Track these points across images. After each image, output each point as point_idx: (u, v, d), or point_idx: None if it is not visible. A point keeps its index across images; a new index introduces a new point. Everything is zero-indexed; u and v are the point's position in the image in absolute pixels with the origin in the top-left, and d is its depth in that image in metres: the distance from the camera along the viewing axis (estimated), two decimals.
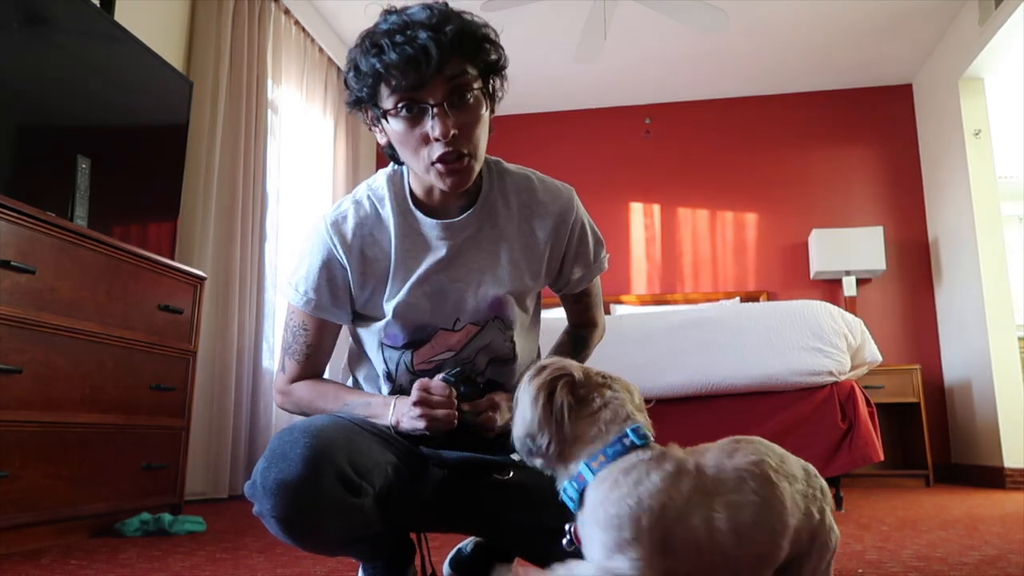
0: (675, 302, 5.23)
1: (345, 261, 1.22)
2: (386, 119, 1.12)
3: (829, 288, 5.15)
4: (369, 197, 1.25)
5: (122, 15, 3.03)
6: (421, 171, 1.15)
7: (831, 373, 2.85)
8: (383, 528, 1.13)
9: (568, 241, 1.30)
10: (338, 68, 4.81)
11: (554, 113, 5.68)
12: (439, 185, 1.15)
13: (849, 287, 4.96)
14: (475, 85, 1.11)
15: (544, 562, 1.17)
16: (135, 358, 2.45)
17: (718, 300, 5.06)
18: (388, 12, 1.11)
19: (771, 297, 5.22)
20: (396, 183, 1.25)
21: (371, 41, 1.09)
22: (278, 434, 1.05)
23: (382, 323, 1.23)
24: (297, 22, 4.31)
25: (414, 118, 1.09)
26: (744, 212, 5.38)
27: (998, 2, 3.94)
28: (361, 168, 5.20)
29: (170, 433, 2.64)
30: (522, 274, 1.27)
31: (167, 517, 2.40)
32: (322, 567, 1.75)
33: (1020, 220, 6.47)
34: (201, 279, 2.82)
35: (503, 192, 1.27)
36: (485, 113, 1.14)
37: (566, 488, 0.88)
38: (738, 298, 5.12)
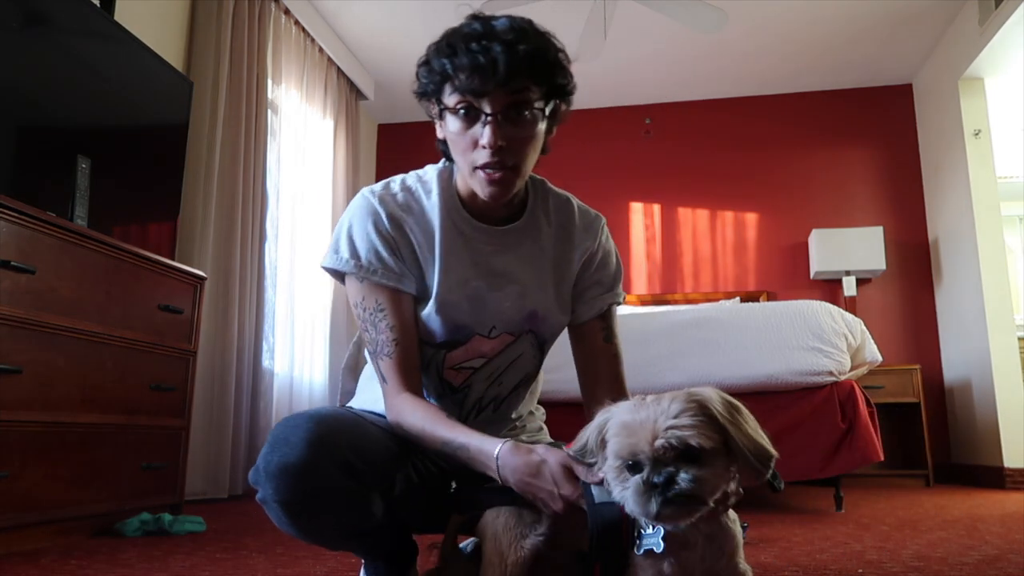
0: (675, 302, 5.22)
1: (389, 228, 1.22)
2: (444, 116, 1.15)
3: (829, 288, 5.15)
4: (418, 183, 1.27)
5: (122, 15, 3.04)
6: (466, 173, 1.18)
7: (831, 373, 2.85)
8: (386, 521, 1.13)
9: (590, 264, 1.33)
10: (338, 68, 4.81)
11: None
12: (479, 191, 1.17)
13: (849, 287, 4.96)
14: (536, 104, 1.13)
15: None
16: (135, 358, 2.45)
17: (718, 300, 5.06)
18: (474, 17, 1.14)
19: (771, 297, 5.22)
20: (445, 179, 1.27)
21: (448, 42, 1.12)
22: (282, 421, 1.06)
23: (421, 315, 1.23)
24: (297, 22, 4.30)
25: (469, 122, 1.12)
26: (744, 212, 5.38)
27: (998, 2, 3.94)
28: (361, 168, 5.20)
29: (170, 433, 2.64)
30: (556, 295, 1.29)
31: (167, 517, 2.40)
32: (322, 567, 1.75)
33: (1020, 220, 6.46)
34: (201, 279, 2.82)
35: (545, 211, 1.31)
36: (540, 132, 1.16)
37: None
38: (738, 298, 5.12)
